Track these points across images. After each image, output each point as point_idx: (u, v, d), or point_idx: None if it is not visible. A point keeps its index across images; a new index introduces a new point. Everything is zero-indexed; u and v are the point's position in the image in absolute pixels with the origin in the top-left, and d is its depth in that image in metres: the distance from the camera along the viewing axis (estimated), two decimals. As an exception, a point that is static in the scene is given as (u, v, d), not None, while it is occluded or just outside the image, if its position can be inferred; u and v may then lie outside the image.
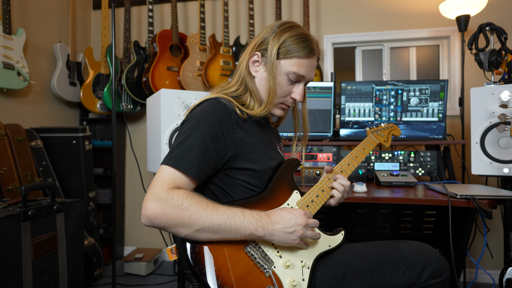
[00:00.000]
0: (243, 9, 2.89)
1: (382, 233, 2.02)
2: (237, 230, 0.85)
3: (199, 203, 0.84)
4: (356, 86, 2.06)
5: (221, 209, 0.85)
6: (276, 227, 0.88)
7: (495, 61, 1.72)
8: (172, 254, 0.99)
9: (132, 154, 3.05)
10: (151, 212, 0.81)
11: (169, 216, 0.81)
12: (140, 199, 3.05)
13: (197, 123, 0.91)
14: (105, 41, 2.79)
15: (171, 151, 0.90)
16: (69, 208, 1.75)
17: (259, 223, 0.87)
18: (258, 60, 1.02)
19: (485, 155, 1.65)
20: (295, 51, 0.98)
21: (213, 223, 0.83)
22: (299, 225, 0.89)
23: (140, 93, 2.69)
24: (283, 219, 0.89)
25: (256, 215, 0.88)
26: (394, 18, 2.64)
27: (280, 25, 1.01)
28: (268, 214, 0.90)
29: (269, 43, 0.98)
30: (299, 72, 0.99)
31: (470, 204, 1.33)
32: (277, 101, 1.03)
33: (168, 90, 1.75)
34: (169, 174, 0.86)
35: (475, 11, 2.17)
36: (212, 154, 0.91)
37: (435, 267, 0.94)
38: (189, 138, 0.89)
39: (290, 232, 0.88)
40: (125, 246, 3.09)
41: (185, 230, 0.83)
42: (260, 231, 0.86)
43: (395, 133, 1.42)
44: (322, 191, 1.11)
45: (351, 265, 0.96)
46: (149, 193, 0.83)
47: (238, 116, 0.97)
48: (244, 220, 0.85)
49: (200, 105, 0.98)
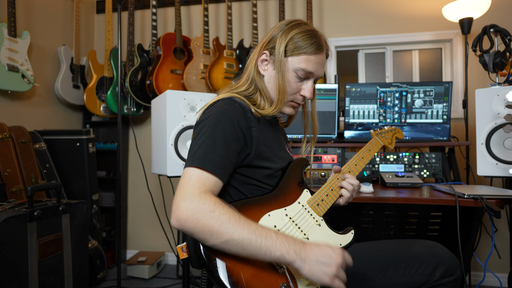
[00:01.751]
0: (246, 13, 2.91)
1: (387, 234, 2.01)
2: (267, 249, 0.78)
3: (231, 214, 0.80)
4: (361, 88, 2.06)
5: (253, 225, 0.81)
6: (310, 254, 0.80)
7: (500, 62, 1.73)
8: (182, 252, 0.99)
9: (134, 157, 3.05)
10: (183, 215, 0.78)
11: (199, 222, 0.78)
12: (143, 202, 3.04)
13: (216, 122, 0.90)
14: (108, 45, 2.80)
15: (194, 153, 0.88)
16: (74, 209, 1.75)
17: (292, 246, 0.80)
18: (267, 58, 1.02)
19: (491, 156, 1.65)
20: (302, 48, 0.97)
21: (243, 237, 0.78)
22: (335, 261, 0.80)
23: (144, 96, 2.69)
24: (319, 249, 0.81)
25: (291, 238, 0.82)
26: (396, 21, 2.66)
27: (288, 23, 1.01)
28: (305, 242, 0.83)
29: (277, 41, 0.98)
30: (307, 69, 0.99)
31: (478, 204, 1.33)
32: (287, 98, 1.02)
33: (174, 91, 1.76)
34: (197, 175, 0.84)
35: (478, 14, 2.19)
36: (234, 153, 0.90)
37: (447, 266, 0.94)
38: (211, 138, 0.88)
39: (325, 264, 0.79)
40: (127, 250, 3.08)
41: (213, 239, 0.79)
42: (292, 254, 0.79)
43: (398, 136, 1.43)
44: (332, 190, 1.11)
45: (363, 264, 0.96)
46: (180, 195, 0.80)
47: (253, 115, 0.97)
48: (276, 240, 0.79)
49: (214, 105, 0.97)
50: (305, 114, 1.15)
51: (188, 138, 1.80)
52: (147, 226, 3.04)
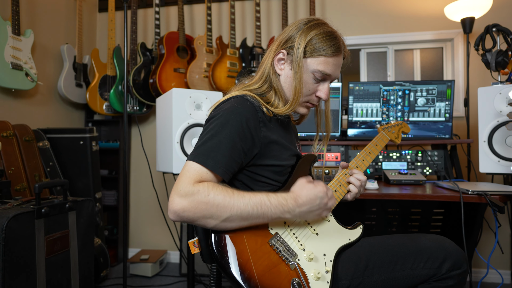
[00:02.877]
0: (249, 11, 2.93)
1: (390, 231, 2.03)
2: (264, 215, 0.86)
3: (224, 192, 0.85)
4: (364, 87, 2.08)
5: (247, 196, 0.86)
6: (303, 209, 0.90)
7: (502, 61, 1.75)
8: (194, 247, 1.00)
9: (136, 156, 3.06)
10: (179, 206, 0.81)
11: (197, 208, 0.82)
12: (145, 201, 3.05)
13: (225, 120, 0.92)
14: (111, 43, 2.80)
15: (198, 147, 0.90)
16: (80, 206, 1.76)
17: (285, 208, 0.88)
18: (284, 58, 1.02)
19: (493, 154, 1.68)
20: (321, 50, 0.97)
21: (240, 210, 0.84)
22: (323, 202, 0.92)
23: (147, 94, 2.70)
24: (308, 200, 0.90)
25: (282, 199, 0.89)
26: (398, 21, 2.68)
27: (306, 22, 1.00)
28: (295, 198, 0.90)
29: (295, 41, 0.98)
30: (325, 71, 0.99)
31: (482, 200, 1.35)
32: (302, 99, 1.03)
33: (180, 89, 1.77)
34: (195, 169, 0.86)
35: (480, 14, 2.21)
36: (240, 153, 0.92)
37: (455, 259, 0.95)
38: (217, 136, 0.90)
39: (316, 210, 0.92)
40: (129, 248, 3.09)
41: (213, 220, 0.84)
42: (287, 215, 0.89)
43: (404, 130, 1.44)
44: (340, 186, 1.13)
45: (372, 258, 0.98)
46: (175, 188, 0.83)
47: (264, 114, 0.97)
48: (270, 205, 0.87)
49: (226, 102, 0.98)
50: (318, 112, 1.16)
51: (194, 136, 1.81)
52: (149, 224, 3.05)
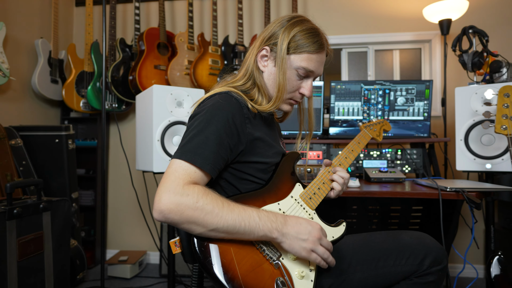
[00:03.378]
0: (231, 9, 2.90)
1: (371, 228, 2.06)
2: (251, 231, 0.83)
3: (214, 202, 0.82)
4: (345, 86, 2.10)
5: (236, 210, 0.83)
6: (290, 231, 0.86)
7: (478, 62, 1.80)
8: (175, 247, 0.97)
9: (115, 154, 2.98)
10: (166, 207, 0.78)
11: (183, 213, 0.79)
12: (124, 200, 2.98)
13: (210, 116, 0.89)
14: (89, 38, 2.72)
15: (184, 145, 0.87)
16: (55, 207, 1.69)
17: (274, 225, 0.85)
18: (267, 54, 1.01)
19: (469, 152, 1.72)
20: (305, 46, 0.96)
21: (227, 224, 0.81)
22: (313, 236, 0.87)
23: (126, 91, 2.63)
24: (299, 225, 0.87)
25: (272, 216, 0.86)
26: (378, 21, 2.72)
27: (289, 19, 1.00)
28: (285, 217, 0.88)
29: (279, 38, 0.97)
30: (308, 67, 0.99)
31: (460, 197, 1.38)
32: (286, 96, 1.02)
33: (161, 86, 1.73)
34: (184, 168, 0.83)
35: (457, 16, 2.28)
36: (226, 149, 0.90)
37: (435, 255, 0.97)
38: (203, 132, 0.88)
39: (303, 240, 0.86)
40: (107, 249, 3.01)
41: (199, 228, 0.81)
42: (274, 233, 0.85)
43: (386, 128, 1.46)
44: (323, 184, 1.12)
45: (355, 255, 0.98)
46: (163, 187, 0.80)
47: (249, 111, 0.96)
48: (259, 221, 0.84)
49: (210, 98, 0.96)
50: (301, 110, 1.15)
51: (175, 134, 1.78)
52: (128, 225, 2.98)
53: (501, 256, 1.31)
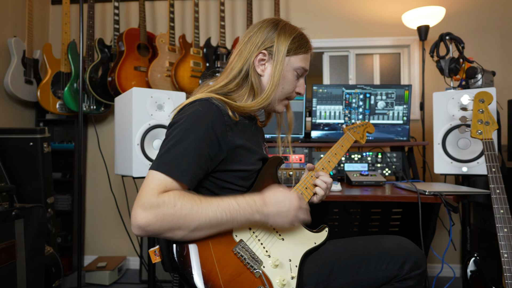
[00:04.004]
0: (213, 10, 2.88)
1: (352, 231, 2.08)
2: (233, 220, 0.84)
3: (192, 200, 0.81)
4: (327, 89, 2.12)
5: (214, 202, 0.83)
6: (271, 210, 0.88)
7: (454, 68, 1.85)
8: (155, 256, 0.95)
9: (93, 158, 2.90)
10: (143, 221, 0.76)
11: (163, 221, 0.77)
12: (102, 205, 2.90)
13: (189, 126, 0.87)
14: (66, 38, 2.63)
15: (161, 156, 0.85)
16: (29, 214, 1.62)
17: (254, 208, 0.86)
18: (265, 58, 1.01)
19: (446, 155, 1.77)
20: (302, 47, 1.02)
21: (209, 218, 0.81)
22: (293, 208, 0.90)
23: (104, 93, 2.56)
24: (278, 202, 0.89)
25: (250, 200, 0.87)
26: (359, 26, 2.76)
27: (276, 23, 1.03)
28: (263, 197, 0.89)
29: (275, 41, 1.00)
30: (305, 67, 1.05)
31: (438, 200, 1.41)
32: (283, 96, 1.05)
33: (140, 89, 1.69)
34: (159, 179, 0.81)
35: (434, 22, 2.34)
36: (206, 159, 0.88)
37: (415, 259, 0.98)
38: (182, 142, 0.85)
39: (285, 215, 0.90)
40: (85, 255, 2.92)
41: (182, 231, 0.80)
42: (256, 215, 0.87)
43: (369, 130, 1.47)
44: (306, 189, 1.12)
45: (337, 261, 0.98)
46: (138, 201, 0.78)
47: (230, 118, 0.94)
48: (239, 208, 0.85)
49: (190, 106, 0.94)
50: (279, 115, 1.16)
51: (155, 137, 1.74)
52: (107, 229, 2.90)
53: (477, 258, 1.35)
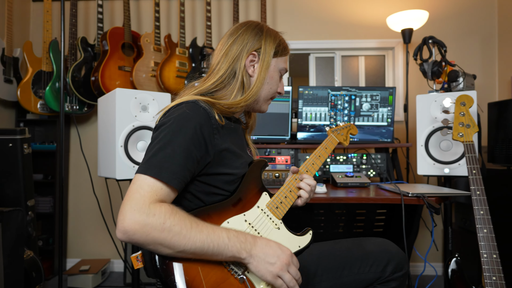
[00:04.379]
0: (199, 10, 2.86)
1: (337, 232, 2.10)
2: (219, 253, 0.81)
3: (182, 222, 0.78)
4: (313, 91, 2.13)
5: (205, 231, 0.80)
6: (259, 252, 0.85)
7: (437, 71, 1.88)
8: (137, 262, 0.93)
9: (76, 159, 2.84)
10: (130, 227, 0.74)
11: (149, 235, 0.75)
12: (85, 207, 2.84)
13: (177, 128, 0.86)
14: (47, 36, 2.57)
15: (149, 159, 0.83)
16: (7, 218, 1.57)
17: (243, 245, 0.83)
18: (255, 59, 1.04)
19: (429, 157, 1.80)
20: (285, 50, 1.08)
21: (195, 246, 0.78)
22: (281, 261, 0.85)
23: (88, 93, 2.52)
24: (268, 248, 0.86)
25: (242, 236, 0.85)
26: (345, 28, 2.79)
27: (260, 27, 1.06)
28: (255, 238, 0.87)
29: (262, 43, 1.03)
30: (287, 67, 1.11)
31: (420, 202, 1.43)
32: (269, 95, 1.09)
33: (124, 89, 1.66)
34: (149, 185, 0.79)
35: (418, 25, 2.38)
36: (194, 162, 0.87)
37: (397, 261, 0.99)
38: (170, 145, 0.84)
39: (270, 263, 0.84)
40: (67, 258, 2.86)
41: (166, 250, 0.78)
42: (242, 253, 0.83)
43: (352, 132, 1.47)
44: (290, 192, 1.12)
45: (321, 264, 0.98)
46: (128, 205, 0.76)
47: (217, 121, 0.94)
48: (228, 242, 0.82)
49: (176, 108, 0.92)
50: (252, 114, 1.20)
51: (140, 139, 1.71)
52: (90, 232, 2.85)
53: (458, 258, 1.37)
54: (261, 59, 1.03)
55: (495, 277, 1.24)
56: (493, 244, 1.27)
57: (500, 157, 1.97)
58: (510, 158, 1.89)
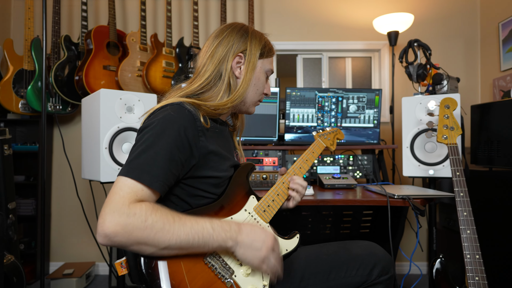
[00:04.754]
0: (186, 10, 2.83)
1: (324, 233, 2.11)
2: (205, 244, 0.80)
3: (165, 218, 0.77)
4: (301, 92, 2.13)
5: (188, 223, 0.79)
6: (245, 239, 0.84)
7: (422, 74, 1.91)
8: (121, 268, 0.91)
9: (59, 160, 2.78)
10: (111, 230, 0.72)
11: (131, 234, 0.73)
12: (69, 209, 2.78)
13: (161, 130, 0.85)
14: (29, 34, 2.50)
15: (131, 161, 0.82)
16: (-14, 222, 1.52)
17: (228, 234, 0.83)
18: (241, 61, 1.03)
19: (414, 159, 1.82)
20: (271, 51, 1.08)
21: (180, 240, 0.77)
22: (267, 246, 0.86)
23: (71, 92, 2.46)
24: (254, 234, 0.86)
25: (226, 225, 0.84)
26: (332, 29, 2.80)
27: (245, 29, 1.05)
28: (239, 225, 0.86)
29: (248, 45, 1.02)
30: (273, 69, 1.10)
31: (406, 203, 1.45)
32: (257, 97, 1.09)
33: (109, 90, 1.62)
34: (129, 186, 0.78)
35: (404, 28, 2.41)
36: (178, 165, 0.85)
37: (383, 264, 1.00)
38: (152, 147, 0.83)
39: (257, 249, 0.85)
40: (51, 262, 2.79)
41: (150, 248, 0.76)
42: (229, 242, 0.83)
43: (339, 137, 1.48)
44: (277, 195, 1.12)
45: (308, 268, 0.98)
46: (107, 208, 0.74)
47: (202, 124, 0.93)
48: (213, 233, 0.81)
49: (161, 110, 0.91)
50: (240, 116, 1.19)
51: (125, 141, 1.68)
52: (75, 235, 2.79)
53: (442, 259, 1.40)
54: (247, 61, 1.02)
55: (478, 277, 1.27)
56: (476, 245, 1.30)
57: (483, 159, 2.01)
58: (492, 159, 1.93)
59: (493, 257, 1.89)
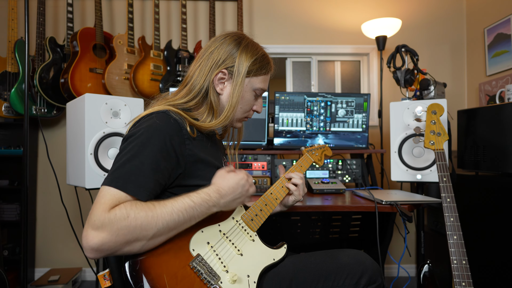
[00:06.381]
0: (175, 12, 2.80)
1: (313, 238, 2.10)
2: (191, 218, 0.83)
3: (145, 206, 0.78)
4: (290, 97, 2.12)
5: (168, 204, 0.81)
6: (227, 199, 0.90)
7: (409, 79, 1.93)
8: (104, 280, 0.90)
9: (44, 165, 2.72)
10: (95, 241, 0.71)
11: (118, 236, 0.73)
12: (55, 214, 2.72)
13: (145, 139, 0.84)
14: (12, 35, 2.44)
15: (115, 170, 0.80)
16: (-34, 231, 1.47)
17: (210, 202, 0.86)
18: (224, 77, 1.00)
19: (402, 163, 1.83)
20: (262, 69, 1.02)
21: (166, 221, 0.78)
22: (244, 189, 0.94)
23: (57, 95, 2.41)
24: (232, 189, 0.91)
25: (205, 195, 0.86)
26: (322, 33, 2.81)
27: (239, 41, 1.00)
28: (218, 189, 0.89)
29: (236, 61, 0.98)
30: (265, 88, 1.06)
31: (394, 209, 1.46)
32: (242, 115, 1.06)
33: (94, 95, 1.59)
34: (112, 194, 0.77)
35: (392, 33, 2.43)
36: (164, 174, 0.85)
37: (371, 273, 1.00)
38: (137, 157, 0.81)
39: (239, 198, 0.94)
40: (36, 268, 2.73)
41: (139, 242, 0.77)
42: (213, 209, 0.88)
43: (327, 153, 1.50)
44: (265, 205, 1.12)
45: (295, 278, 0.98)
46: (89, 220, 0.73)
47: (188, 132, 0.92)
48: (194, 205, 0.83)
49: (146, 118, 0.90)
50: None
51: (111, 146, 1.65)
52: (61, 240, 2.74)
53: (429, 264, 1.40)
54: (233, 78, 0.99)
55: (465, 282, 1.28)
56: (462, 251, 1.31)
57: (469, 163, 2.03)
58: (478, 164, 1.96)
59: (480, 261, 1.91)
